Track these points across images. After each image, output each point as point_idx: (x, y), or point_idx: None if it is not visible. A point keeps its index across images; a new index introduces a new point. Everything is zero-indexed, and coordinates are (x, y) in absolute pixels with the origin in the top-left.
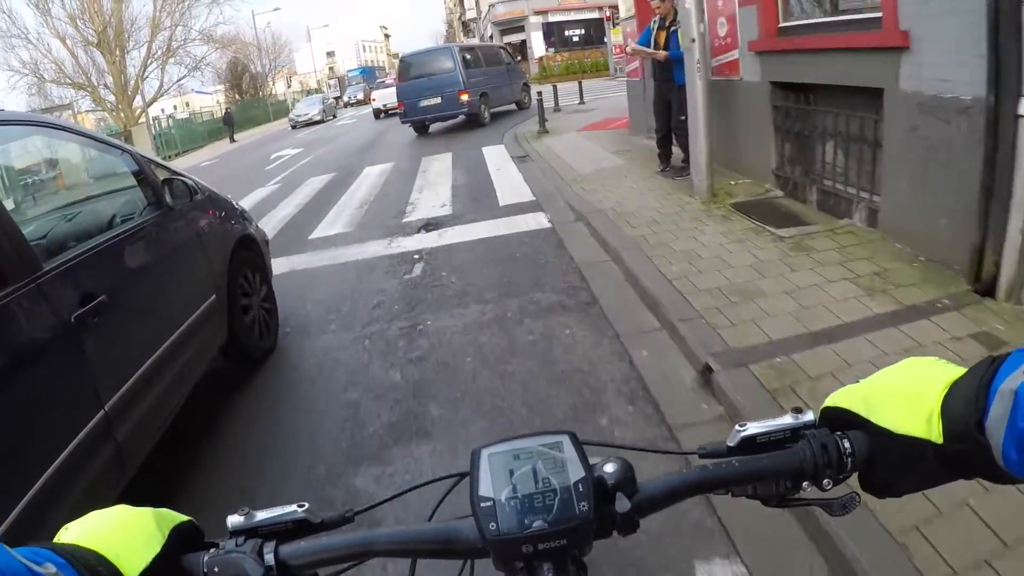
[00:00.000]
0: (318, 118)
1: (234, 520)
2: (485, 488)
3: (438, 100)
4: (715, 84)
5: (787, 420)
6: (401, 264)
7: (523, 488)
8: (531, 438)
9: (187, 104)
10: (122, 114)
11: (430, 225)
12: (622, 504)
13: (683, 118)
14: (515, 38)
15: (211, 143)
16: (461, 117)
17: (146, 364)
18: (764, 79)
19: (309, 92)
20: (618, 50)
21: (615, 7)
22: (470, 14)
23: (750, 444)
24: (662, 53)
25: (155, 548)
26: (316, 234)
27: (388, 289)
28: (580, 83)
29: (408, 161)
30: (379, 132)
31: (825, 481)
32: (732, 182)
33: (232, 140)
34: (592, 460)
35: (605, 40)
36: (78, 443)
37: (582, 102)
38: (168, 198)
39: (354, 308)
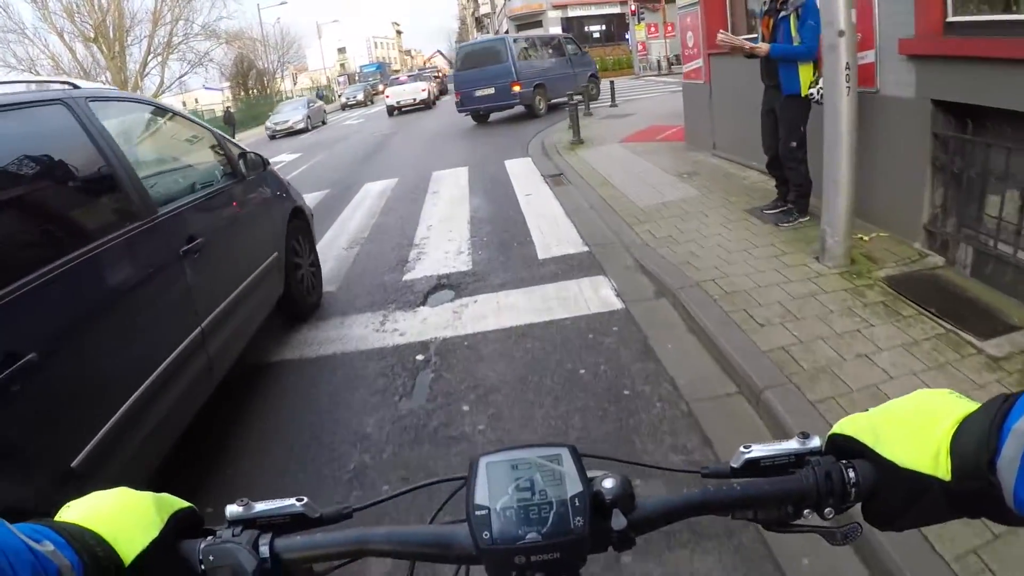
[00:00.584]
0: (301, 126)
1: (232, 510)
2: (481, 496)
3: (491, 91)
4: None
5: (793, 445)
6: (396, 372)
7: (519, 499)
8: (530, 449)
9: (196, 100)
10: None
11: (442, 288)
12: (618, 521)
13: (794, 144)
14: (533, 34)
15: None
16: (517, 108)
17: (230, 297)
18: (921, 95)
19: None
20: (642, 47)
21: (641, 1)
22: (484, 9)
23: (754, 467)
24: (763, 47)
25: (153, 533)
26: None
27: (371, 438)
28: (612, 83)
29: (415, 176)
30: (387, 135)
31: (827, 510)
32: (862, 236)
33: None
34: (591, 474)
35: (627, 36)
36: (184, 347)
37: (614, 104)
38: (243, 169)
39: (312, 491)
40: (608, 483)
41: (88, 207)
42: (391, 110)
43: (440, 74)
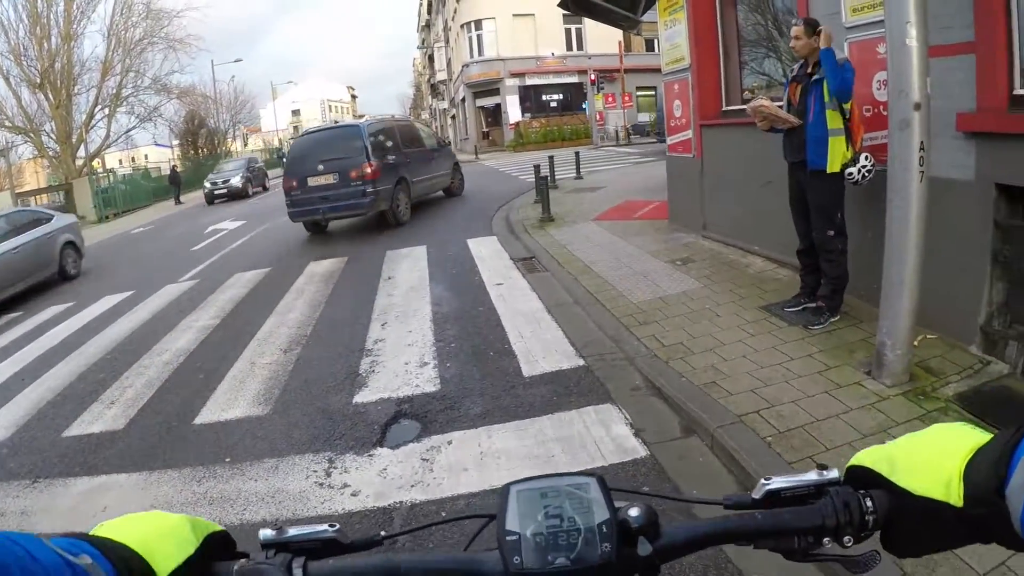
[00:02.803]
0: (237, 186)
1: (266, 534)
2: (512, 523)
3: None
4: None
5: (812, 476)
6: None
7: (548, 525)
8: (559, 478)
9: (145, 157)
10: (63, 165)
11: (404, 417)
12: (644, 548)
13: (831, 233)
14: (489, 101)
15: (158, 203)
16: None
17: (441, 171)
18: (982, 179)
19: (271, 150)
20: (600, 117)
21: (601, 70)
22: (440, 76)
23: (775, 497)
24: (792, 119)
25: (188, 551)
26: (205, 416)
27: None
28: (577, 154)
29: (366, 255)
30: None
31: (846, 538)
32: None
33: (178, 202)
34: (618, 504)
35: (584, 106)
36: (434, 176)
37: (579, 176)
38: (439, 143)
39: None
40: (634, 512)
41: (421, 142)
42: None
43: None
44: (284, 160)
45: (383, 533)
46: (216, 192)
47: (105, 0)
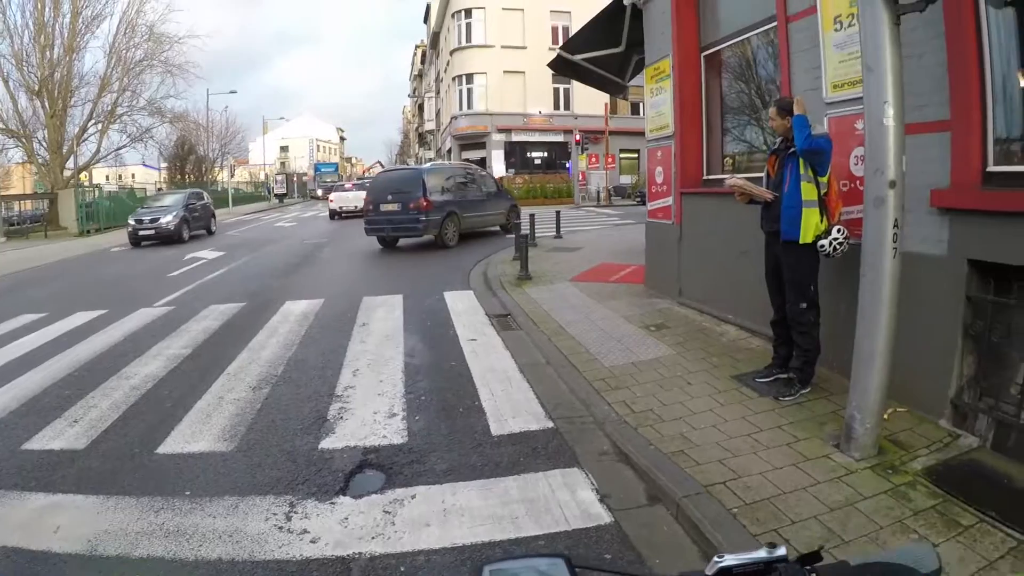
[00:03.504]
0: (169, 228)
1: None
2: None
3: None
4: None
5: (762, 554)
6: None
7: None
8: (529, 559)
9: (132, 176)
10: (51, 174)
11: (369, 467)
12: None
13: (804, 306)
14: (475, 155)
15: None
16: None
17: (496, 210)
18: (955, 253)
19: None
20: (583, 177)
21: (586, 131)
22: (428, 125)
23: (727, 574)
24: (767, 193)
25: None
26: (169, 446)
27: None
28: (558, 213)
29: (343, 299)
30: (318, 244)
31: None
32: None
33: None
34: None
35: (568, 165)
36: (487, 214)
37: (559, 236)
38: (497, 188)
39: None
40: None
41: (476, 189)
42: (333, 214)
43: None
44: (271, 193)
45: None
46: (141, 232)
47: (110, 18)
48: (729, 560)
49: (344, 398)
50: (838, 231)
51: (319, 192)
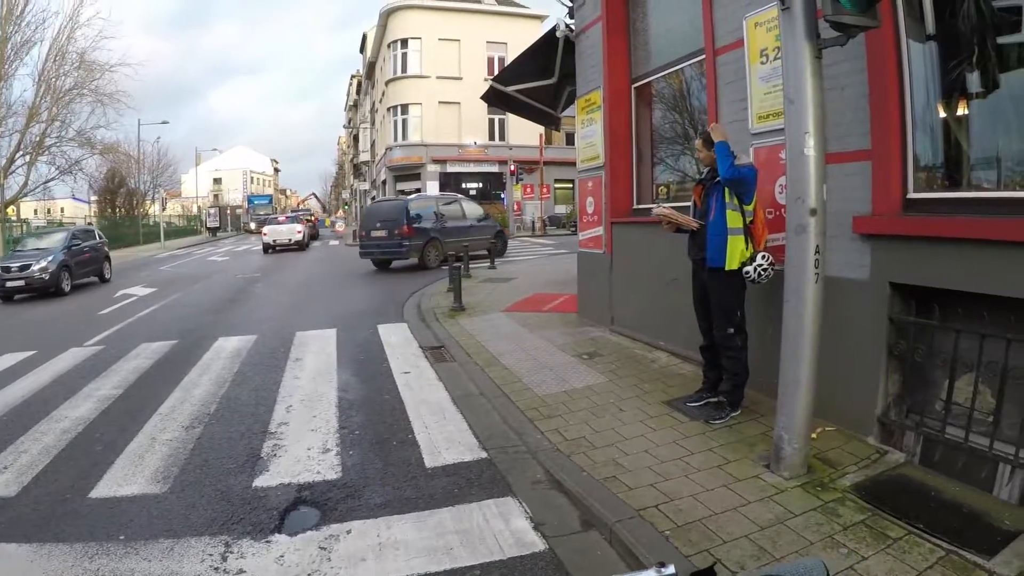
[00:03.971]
0: (43, 278)
1: None
2: None
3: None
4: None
5: (651, 574)
6: None
7: None
8: None
9: (62, 210)
10: None
11: (303, 504)
12: None
13: (731, 331)
14: (409, 186)
15: None
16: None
17: (482, 237)
18: (877, 277)
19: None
20: (517, 207)
21: (521, 161)
22: (363, 156)
23: None
24: (693, 222)
25: None
26: (101, 490)
27: None
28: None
29: (276, 335)
30: (251, 279)
31: None
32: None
33: None
34: None
35: (502, 196)
36: (471, 239)
37: (492, 266)
38: (485, 216)
39: None
40: None
41: (460, 217)
42: (267, 248)
43: (313, 217)
44: (205, 226)
45: None
46: (7, 283)
47: (39, 44)
48: None
49: (278, 435)
50: (763, 257)
51: (252, 225)
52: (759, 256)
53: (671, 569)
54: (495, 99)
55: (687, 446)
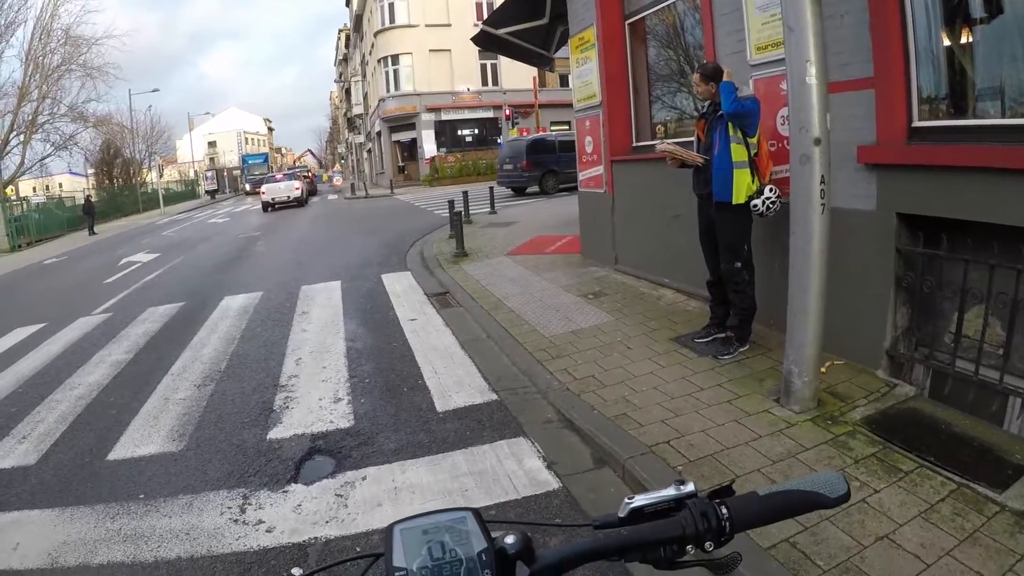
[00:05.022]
0: None
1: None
2: (399, 559)
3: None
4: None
5: (671, 491)
6: None
7: (433, 559)
8: (439, 514)
9: (60, 185)
10: None
11: (318, 453)
12: (522, 572)
13: (738, 265)
14: (405, 136)
15: (72, 233)
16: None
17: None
18: (883, 208)
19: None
20: None
21: (516, 105)
22: (357, 110)
23: (639, 514)
24: (699, 157)
25: None
26: (119, 452)
27: None
28: (492, 189)
29: (282, 290)
30: (253, 237)
31: (708, 544)
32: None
33: (92, 232)
34: (495, 533)
35: (499, 141)
36: (547, 171)
37: (493, 211)
38: None
39: None
40: (510, 539)
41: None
42: (266, 206)
43: (310, 173)
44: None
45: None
46: None
47: (24, 24)
48: (639, 500)
49: (289, 387)
50: (770, 190)
51: (247, 187)
52: (767, 189)
53: (690, 487)
54: (487, 43)
55: (696, 382)
